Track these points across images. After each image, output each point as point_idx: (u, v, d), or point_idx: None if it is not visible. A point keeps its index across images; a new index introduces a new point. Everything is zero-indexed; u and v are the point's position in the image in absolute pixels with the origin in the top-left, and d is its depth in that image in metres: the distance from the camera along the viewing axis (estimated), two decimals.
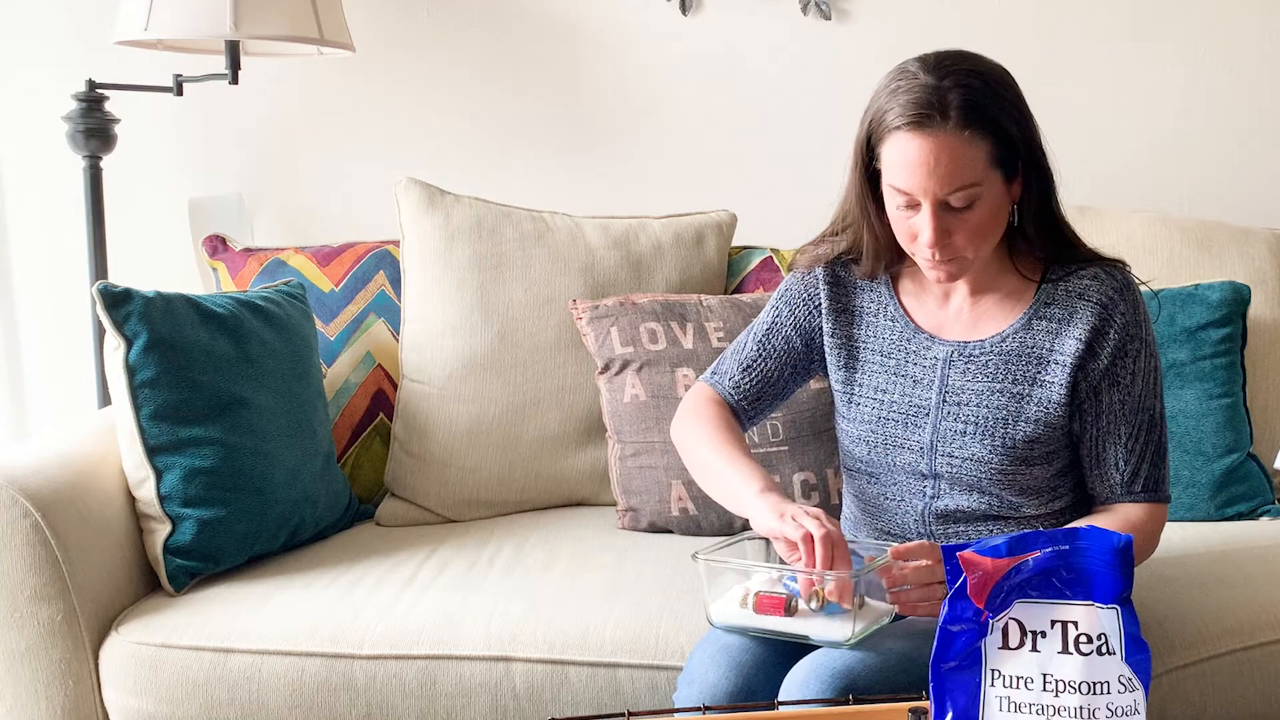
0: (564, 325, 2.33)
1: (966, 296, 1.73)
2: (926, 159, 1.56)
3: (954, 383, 1.71)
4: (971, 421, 1.69)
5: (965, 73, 1.57)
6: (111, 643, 1.88)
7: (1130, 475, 1.68)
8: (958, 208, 1.58)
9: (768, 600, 1.55)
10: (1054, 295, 1.69)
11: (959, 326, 1.73)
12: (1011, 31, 2.71)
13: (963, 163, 1.56)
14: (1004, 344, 1.70)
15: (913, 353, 1.74)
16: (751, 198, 2.62)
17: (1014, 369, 1.69)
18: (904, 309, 1.76)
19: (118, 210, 2.62)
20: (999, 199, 1.62)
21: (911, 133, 1.56)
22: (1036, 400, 1.68)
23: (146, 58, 2.56)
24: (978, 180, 1.57)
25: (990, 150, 1.57)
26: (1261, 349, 2.32)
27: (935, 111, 1.55)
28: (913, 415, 1.73)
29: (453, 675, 1.82)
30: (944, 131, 1.55)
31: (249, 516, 2.03)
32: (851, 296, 1.79)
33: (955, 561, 1.26)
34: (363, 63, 2.69)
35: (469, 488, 2.31)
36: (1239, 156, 2.71)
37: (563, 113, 2.77)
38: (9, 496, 1.84)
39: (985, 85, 1.57)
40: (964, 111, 1.55)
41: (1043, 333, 1.68)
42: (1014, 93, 1.61)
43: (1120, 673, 1.23)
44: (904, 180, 1.58)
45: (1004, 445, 1.68)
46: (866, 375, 1.77)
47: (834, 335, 1.79)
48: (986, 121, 1.56)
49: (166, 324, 2.02)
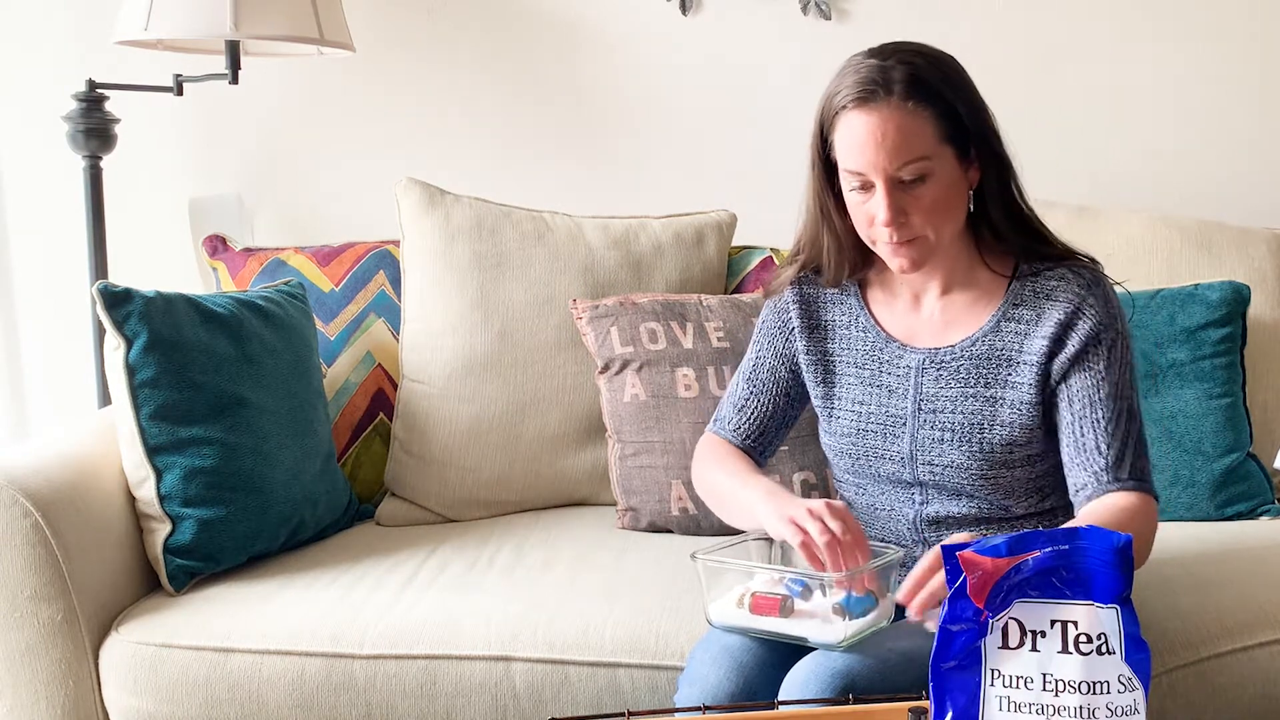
0: (564, 325, 2.33)
1: (938, 296, 1.73)
2: (874, 133, 1.58)
3: (928, 390, 1.70)
4: (948, 429, 1.69)
5: (909, 52, 1.61)
6: (111, 643, 1.88)
7: (1115, 459, 1.62)
8: (910, 182, 1.59)
9: (763, 601, 1.55)
10: (1022, 295, 1.68)
11: (931, 331, 1.73)
12: (1011, 32, 2.71)
13: (909, 134, 1.58)
14: (974, 348, 1.69)
15: (886, 362, 1.74)
16: (751, 198, 2.61)
17: (985, 373, 1.68)
18: (874, 318, 1.76)
19: (118, 210, 2.62)
20: (953, 177, 1.62)
21: (858, 110, 1.59)
22: (1009, 403, 1.67)
23: (146, 58, 2.56)
24: (927, 154, 1.59)
25: (937, 124, 1.59)
26: (1261, 349, 2.32)
27: (879, 87, 1.58)
28: (890, 425, 1.72)
29: (453, 675, 1.82)
30: (888, 105, 1.57)
31: (249, 516, 2.03)
32: (822, 311, 1.79)
33: (955, 561, 1.26)
34: (363, 63, 2.69)
35: (469, 488, 2.31)
36: (1239, 156, 2.71)
37: (563, 113, 2.77)
38: (9, 496, 1.84)
39: (928, 63, 1.60)
40: (907, 85, 1.58)
41: (1011, 334, 1.68)
42: (959, 74, 1.63)
43: (1120, 672, 1.23)
44: (855, 160, 1.60)
45: (982, 450, 1.67)
46: (843, 388, 1.77)
47: (809, 352, 1.79)
48: (930, 95, 1.58)
49: (166, 324, 2.02)
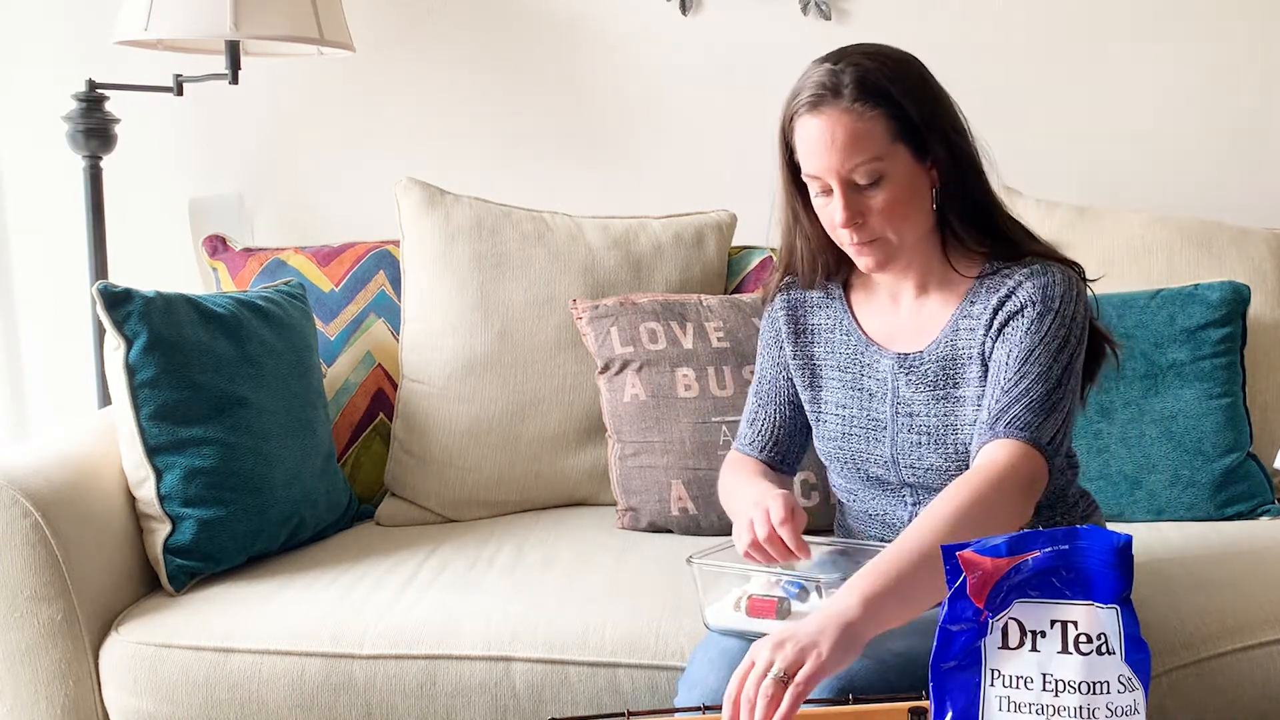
0: (564, 325, 2.33)
1: (913, 298, 1.73)
2: (824, 136, 1.60)
3: (903, 394, 1.71)
4: (923, 432, 1.69)
5: (860, 55, 1.62)
6: (111, 643, 1.88)
7: (995, 414, 1.57)
8: (864, 185, 1.60)
9: (760, 604, 1.55)
10: (978, 294, 1.67)
11: (907, 334, 1.72)
12: (1010, 31, 2.71)
13: (858, 135, 1.58)
14: (938, 350, 1.69)
15: (866, 365, 1.74)
16: (751, 198, 2.59)
17: (949, 374, 1.68)
18: (856, 321, 1.76)
19: (118, 210, 2.62)
20: (909, 178, 1.62)
21: (810, 114, 1.61)
22: (970, 400, 1.66)
23: (146, 58, 2.56)
24: (878, 154, 1.59)
25: (887, 125, 1.59)
26: (1261, 349, 2.32)
27: (828, 91, 1.59)
28: (872, 429, 1.73)
29: (453, 675, 1.82)
30: (837, 108, 1.59)
31: (249, 516, 2.03)
32: (809, 315, 1.80)
33: (955, 561, 1.25)
34: (363, 63, 2.69)
35: (469, 488, 2.31)
36: (1238, 156, 2.71)
37: (562, 113, 2.77)
38: (9, 496, 1.84)
39: (878, 65, 1.61)
40: (855, 87, 1.59)
41: (966, 333, 1.67)
42: (914, 73, 1.63)
43: (1120, 673, 1.23)
44: (811, 163, 1.62)
45: (956, 452, 1.67)
46: (829, 392, 1.78)
47: (796, 357, 1.80)
48: (879, 96, 1.59)
49: (166, 324, 2.02)
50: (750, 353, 2.24)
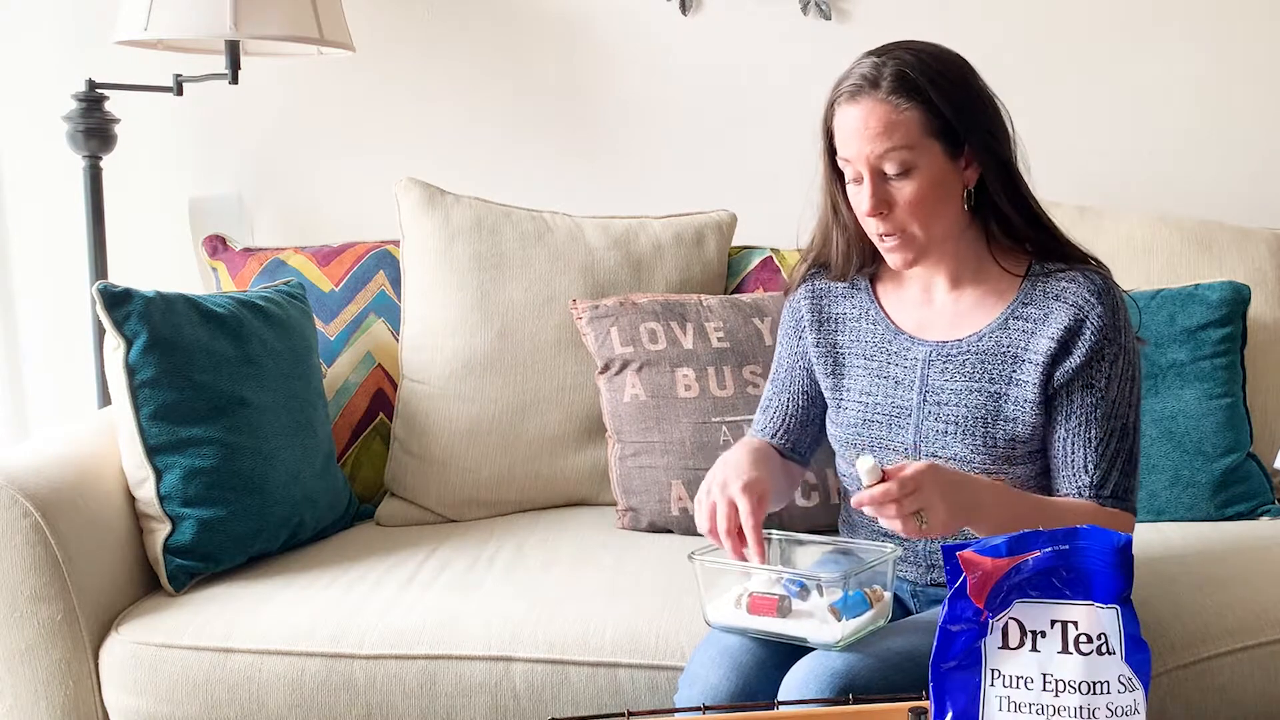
0: (564, 325, 2.33)
1: (947, 290, 1.75)
2: (858, 123, 1.64)
3: (934, 383, 1.72)
4: (952, 421, 1.70)
5: (906, 51, 1.67)
6: (111, 643, 1.88)
7: (1100, 479, 1.68)
8: (892, 174, 1.64)
9: (761, 601, 1.55)
10: (1033, 295, 1.70)
11: (941, 324, 1.75)
12: (1011, 31, 2.71)
13: (891, 126, 1.63)
14: (980, 343, 1.71)
15: (894, 354, 1.76)
16: (751, 198, 2.61)
17: (990, 368, 1.70)
18: (884, 311, 1.79)
19: (118, 210, 2.62)
20: (939, 174, 1.65)
21: (849, 103, 1.66)
22: (1013, 399, 1.68)
23: (146, 58, 2.56)
24: (909, 145, 1.63)
25: (922, 119, 1.63)
26: (1261, 349, 2.32)
27: (868, 83, 1.64)
28: (895, 416, 1.74)
29: (453, 675, 1.82)
30: (874, 98, 1.64)
31: (249, 516, 2.03)
32: (833, 305, 1.83)
33: (955, 561, 1.26)
34: (363, 63, 2.69)
35: (469, 488, 2.31)
36: (1238, 156, 2.71)
37: (562, 112, 2.77)
38: (9, 496, 1.84)
39: (919, 61, 1.65)
40: (893, 80, 1.63)
41: (1019, 332, 1.69)
42: (955, 74, 1.67)
43: (1120, 673, 1.23)
44: (844, 148, 1.67)
45: (985, 444, 1.69)
46: (851, 379, 1.79)
47: (818, 345, 1.82)
48: (915, 91, 1.63)
49: (166, 324, 2.02)
50: (750, 353, 2.24)
